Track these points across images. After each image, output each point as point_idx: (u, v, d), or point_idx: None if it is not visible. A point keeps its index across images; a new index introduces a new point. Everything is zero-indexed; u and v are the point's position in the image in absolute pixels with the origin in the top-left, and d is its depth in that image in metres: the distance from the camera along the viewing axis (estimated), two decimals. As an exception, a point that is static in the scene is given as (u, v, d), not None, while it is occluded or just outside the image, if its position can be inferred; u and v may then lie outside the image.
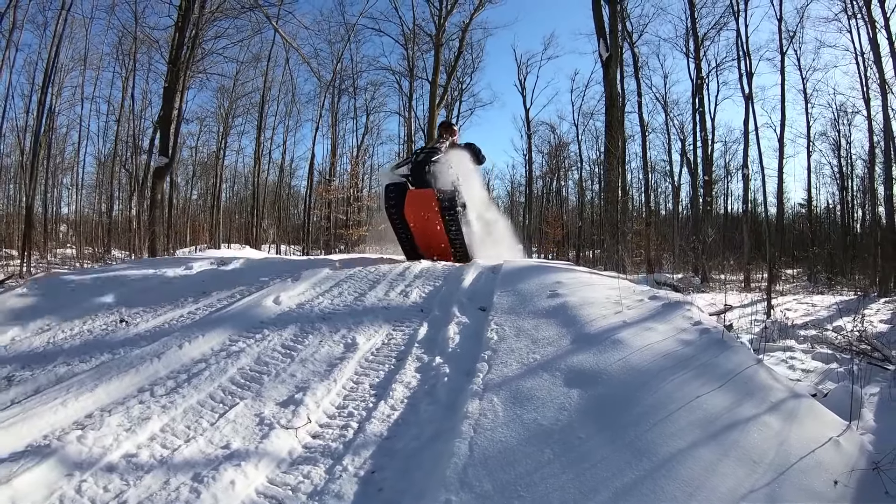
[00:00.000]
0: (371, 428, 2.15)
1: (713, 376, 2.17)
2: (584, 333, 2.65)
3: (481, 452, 1.79)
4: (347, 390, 2.53)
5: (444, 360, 2.68)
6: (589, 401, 2.04)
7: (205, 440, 2.13)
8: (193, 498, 1.75)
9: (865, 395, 3.03)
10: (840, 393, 2.78)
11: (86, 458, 1.97)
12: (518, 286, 3.59)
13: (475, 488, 1.61)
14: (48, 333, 3.63)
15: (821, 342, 6.46)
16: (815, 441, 1.80)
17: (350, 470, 1.90)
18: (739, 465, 1.65)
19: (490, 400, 2.11)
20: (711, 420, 1.87)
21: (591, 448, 1.75)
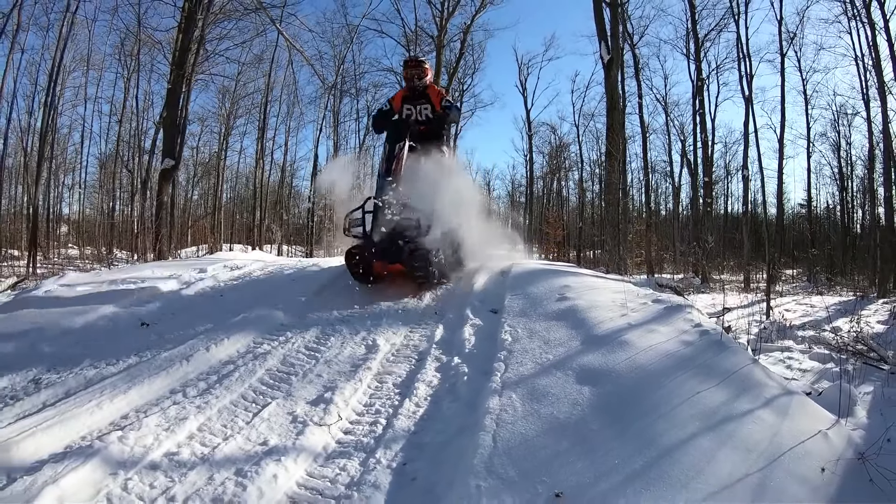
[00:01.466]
0: (399, 424, 2.32)
1: (712, 374, 2.36)
2: (593, 335, 2.84)
3: (504, 444, 1.98)
4: (373, 389, 2.72)
5: (462, 361, 2.87)
6: (599, 397, 2.24)
7: (243, 438, 2.25)
8: (240, 491, 1.85)
9: (860, 394, 3.20)
10: (833, 392, 2.93)
11: (128, 458, 2.06)
12: (528, 290, 3.79)
13: (501, 475, 1.80)
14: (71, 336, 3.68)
15: (818, 343, 6.64)
16: (805, 433, 1.97)
17: (383, 462, 2.05)
18: (735, 453, 1.84)
19: (509, 396, 2.30)
20: (710, 414, 2.06)
21: (603, 439, 1.95)
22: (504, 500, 1.68)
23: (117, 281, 5.15)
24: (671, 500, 1.62)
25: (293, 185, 24.92)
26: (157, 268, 6.09)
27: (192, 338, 3.51)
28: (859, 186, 21.36)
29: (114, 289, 4.83)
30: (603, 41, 14.50)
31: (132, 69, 17.60)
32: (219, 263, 5.94)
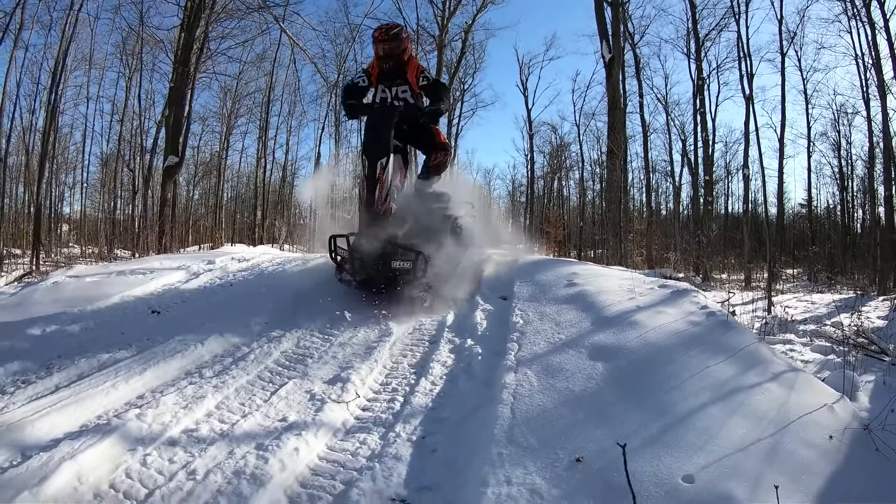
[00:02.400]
0: (416, 401, 2.37)
1: (720, 351, 2.43)
2: (603, 316, 2.91)
3: (523, 415, 2.04)
4: (388, 369, 2.78)
5: (475, 342, 2.94)
6: (612, 371, 2.31)
7: (261, 414, 2.28)
8: (262, 464, 1.86)
9: (862, 382, 3.27)
10: (836, 378, 2.99)
11: (147, 434, 2.07)
12: (536, 277, 3.85)
13: (521, 443, 1.86)
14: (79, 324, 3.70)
15: (819, 336, 6.70)
16: (811, 406, 2.04)
17: (403, 436, 2.09)
18: (746, 420, 1.91)
19: (524, 373, 2.36)
20: (719, 385, 2.14)
21: (619, 409, 2.01)
22: (526, 465, 1.74)
23: (126, 272, 5.15)
24: (689, 460, 1.69)
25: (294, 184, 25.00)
26: (165, 259, 6.14)
27: (205, 323, 3.54)
28: (860, 186, 21.44)
29: (123, 279, 4.84)
30: (604, 40, 14.58)
31: (134, 68, 17.63)
32: (226, 256, 5.98)
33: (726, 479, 1.60)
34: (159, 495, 1.72)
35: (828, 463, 1.74)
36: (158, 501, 1.71)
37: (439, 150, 4.67)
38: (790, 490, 1.55)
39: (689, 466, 1.66)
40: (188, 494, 1.73)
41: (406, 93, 4.41)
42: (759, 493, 1.52)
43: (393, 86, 4.41)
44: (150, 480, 1.82)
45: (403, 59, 4.34)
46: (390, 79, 4.39)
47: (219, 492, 1.74)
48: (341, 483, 1.82)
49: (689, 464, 1.67)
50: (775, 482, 1.46)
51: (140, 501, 1.71)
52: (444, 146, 4.71)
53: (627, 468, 1.43)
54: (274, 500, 1.73)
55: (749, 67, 17.61)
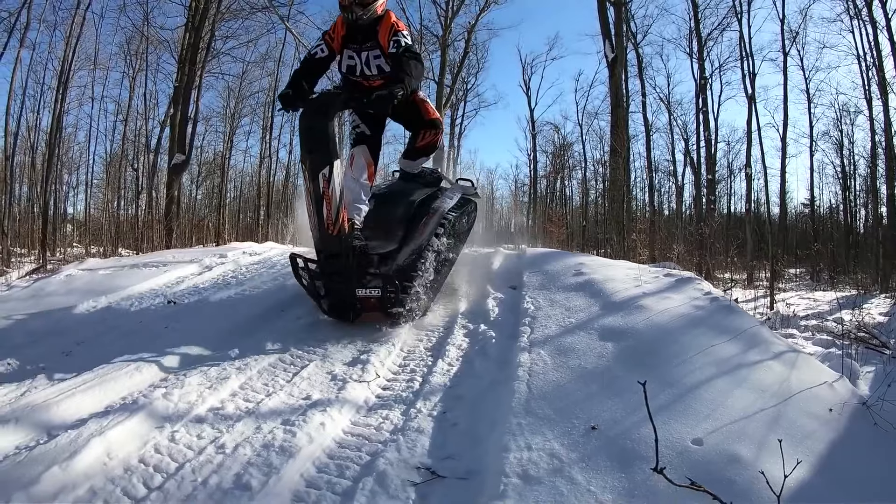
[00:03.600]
0: (434, 380, 2.47)
1: (723, 331, 2.56)
2: (611, 301, 3.03)
3: (538, 390, 2.16)
4: (405, 352, 2.89)
5: (489, 327, 3.05)
6: (622, 350, 2.43)
7: (285, 393, 2.36)
8: (290, 437, 1.94)
9: (862, 372, 3.36)
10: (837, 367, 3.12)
11: (173, 412, 2.14)
12: (544, 268, 3.96)
13: (539, 414, 1.98)
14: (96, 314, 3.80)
15: (821, 331, 6.80)
16: (811, 383, 2.16)
17: (424, 411, 2.18)
18: (750, 392, 2.04)
19: (538, 353, 2.48)
20: (724, 362, 2.27)
21: (629, 382, 2.10)
22: (545, 433, 1.85)
23: (139, 265, 5.23)
24: (697, 426, 1.81)
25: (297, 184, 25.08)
26: (177, 253, 6.23)
27: (223, 310, 3.65)
28: (862, 185, 21.50)
29: (136, 271, 4.92)
30: (607, 40, 14.67)
31: (138, 68, 17.79)
32: (237, 250, 6.05)
33: (733, 443, 1.72)
34: (189, 468, 1.79)
35: (828, 431, 1.86)
36: (189, 474, 1.75)
37: (428, 128, 3.89)
38: (793, 453, 1.65)
39: (697, 431, 1.78)
40: (218, 467, 1.80)
41: (380, 58, 3.42)
42: (764, 454, 1.64)
43: (363, 50, 3.41)
44: (179, 455, 1.88)
45: (376, 12, 3.30)
46: (359, 40, 3.40)
47: (249, 463, 1.81)
48: (367, 454, 1.90)
49: (698, 429, 1.79)
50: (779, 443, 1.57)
51: (170, 474, 1.76)
52: (433, 123, 3.89)
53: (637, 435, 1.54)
54: (303, 469, 1.81)
55: (751, 67, 17.78)
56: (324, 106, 3.11)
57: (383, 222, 3.53)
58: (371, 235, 3.40)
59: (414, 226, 3.62)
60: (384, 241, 3.46)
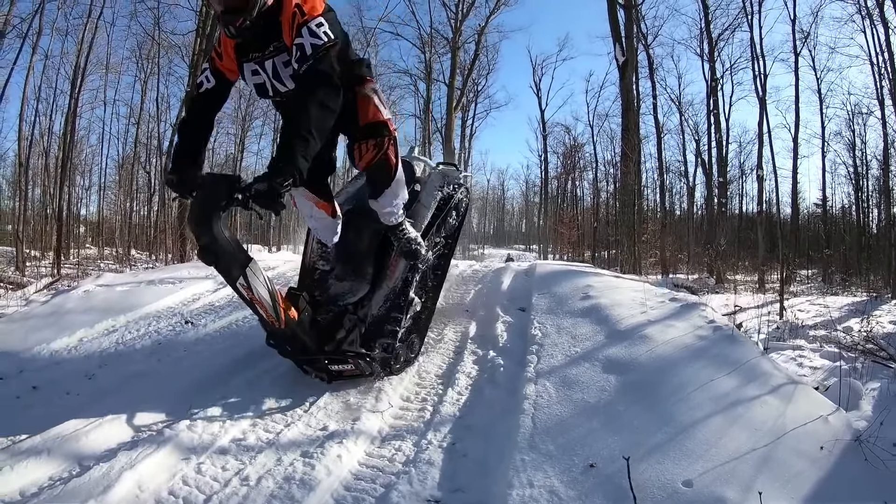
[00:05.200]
0: (444, 410, 2.56)
1: (724, 365, 2.62)
2: (616, 330, 3.12)
3: (543, 424, 2.27)
4: (418, 379, 2.99)
5: (497, 354, 3.15)
6: (624, 384, 2.53)
7: (303, 424, 2.45)
8: (309, 470, 2.05)
9: (867, 389, 3.41)
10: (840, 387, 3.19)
11: (198, 444, 2.24)
12: (553, 289, 4.06)
13: (542, 450, 2.09)
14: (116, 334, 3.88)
15: (829, 342, 6.83)
16: (807, 417, 2.22)
17: (434, 443, 2.27)
18: (743, 431, 2.12)
19: (543, 384, 2.59)
20: (722, 398, 2.34)
21: (629, 418, 2.24)
22: (546, 470, 1.97)
23: (155, 281, 5.30)
24: (688, 467, 1.91)
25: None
26: (192, 268, 6.35)
27: (238, 334, 3.73)
28: (875, 185, 21.31)
29: (153, 288, 4.98)
30: (618, 43, 14.70)
31: (149, 72, 18.08)
32: (252, 264, 6.14)
33: (721, 485, 1.81)
34: (217, 501, 1.89)
35: (816, 471, 1.93)
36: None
37: (366, 137, 2.75)
38: (777, 495, 1.75)
39: (689, 472, 1.88)
40: (244, 499, 1.91)
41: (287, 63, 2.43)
42: (749, 497, 1.73)
43: (266, 58, 2.44)
44: (206, 487, 1.98)
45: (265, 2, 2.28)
46: (257, 46, 2.44)
47: (272, 496, 1.92)
48: (381, 486, 2.01)
49: (690, 470, 1.89)
50: (764, 488, 1.68)
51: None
52: (373, 129, 2.74)
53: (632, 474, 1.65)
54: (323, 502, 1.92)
55: (763, 68, 17.70)
56: (205, 220, 2.21)
57: (348, 256, 3.12)
58: (339, 274, 3.09)
59: (385, 260, 3.15)
60: (354, 283, 3.06)
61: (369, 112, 2.74)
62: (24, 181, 14.83)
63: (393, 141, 2.79)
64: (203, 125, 2.62)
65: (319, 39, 2.26)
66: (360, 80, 2.76)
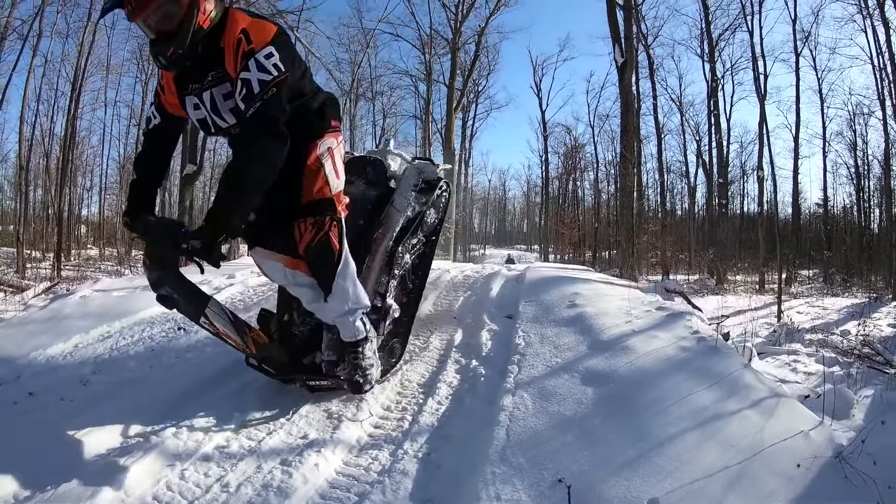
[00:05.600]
0: (423, 420, 2.57)
1: (705, 378, 2.60)
2: (599, 340, 3.11)
3: (516, 437, 2.27)
4: (399, 388, 2.99)
5: (480, 363, 3.14)
6: (602, 396, 2.52)
7: (284, 432, 2.47)
8: (287, 478, 2.09)
9: (859, 397, 3.40)
10: (831, 395, 3.10)
11: (183, 451, 2.29)
12: (540, 297, 4.05)
13: (513, 463, 2.09)
14: (110, 340, 3.91)
15: (825, 346, 6.82)
16: (787, 433, 2.18)
17: (410, 453, 2.29)
18: (718, 447, 2.09)
19: (521, 396, 2.59)
20: (699, 412, 2.32)
21: (603, 432, 2.23)
22: (515, 483, 1.97)
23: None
24: (657, 484, 1.90)
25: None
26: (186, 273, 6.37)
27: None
28: (876, 185, 21.26)
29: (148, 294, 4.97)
30: (617, 44, 14.68)
31: (150, 73, 18.13)
32: (246, 269, 6.14)
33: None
34: None
35: (791, 490, 1.90)
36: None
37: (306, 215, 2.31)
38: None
39: (656, 490, 1.87)
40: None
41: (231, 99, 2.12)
42: (717, 518, 1.72)
43: (204, 88, 2.15)
44: (188, 493, 2.03)
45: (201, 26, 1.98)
46: (198, 77, 2.14)
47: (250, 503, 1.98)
48: (355, 495, 2.04)
49: (657, 487, 1.88)
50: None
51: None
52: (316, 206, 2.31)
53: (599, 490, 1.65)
54: None
55: (763, 68, 17.67)
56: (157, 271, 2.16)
57: None
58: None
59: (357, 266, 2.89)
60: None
61: (315, 186, 2.29)
62: (25, 183, 14.92)
63: (337, 223, 2.30)
64: (154, 163, 2.42)
65: (268, 74, 1.97)
66: (315, 132, 2.32)
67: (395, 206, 3.24)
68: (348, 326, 2.43)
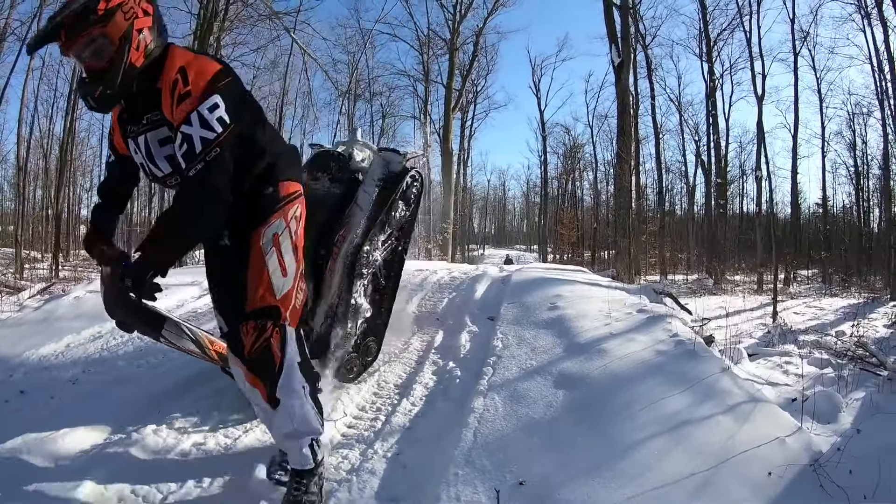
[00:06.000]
0: (396, 420, 2.59)
1: (681, 381, 2.57)
2: (576, 343, 3.10)
3: (483, 439, 2.27)
4: (376, 388, 3.01)
5: (457, 365, 3.16)
6: (572, 400, 2.50)
7: (260, 431, 2.50)
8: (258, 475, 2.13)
9: (849, 400, 3.31)
10: (820, 398, 3.10)
11: (162, 447, 2.39)
12: (523, 298, 4.05)
13: (476, 465, 2.09)
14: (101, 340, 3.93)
15: (819, 347, 6.77)
16: (762, 439, 2.11)
17: (380, 453, 2.32)
18: (686, 454, 2.05)
19: (492, 398, 2.58)
20: (669, 417, 2.28)
21: (570, 436, 2.22)
22: (476, 485, 1.97)
23: None
24: (619, 490, 1.87)
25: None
26: (180, 274, 6.42)
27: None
28: (875, 185, 21.22)
29: None
30: (614, 44, 14.66)
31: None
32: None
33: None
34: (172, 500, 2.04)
35: (757, 499, 1.85)
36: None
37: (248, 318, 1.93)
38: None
39: (616, 496, 1.84)
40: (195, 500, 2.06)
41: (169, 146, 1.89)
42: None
43: (140, 132, 1.93)
44: (164, 488, 2.09)
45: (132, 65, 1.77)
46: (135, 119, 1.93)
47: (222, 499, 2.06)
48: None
49: (618, 493, 1.85)
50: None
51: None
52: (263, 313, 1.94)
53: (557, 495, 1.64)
54: None
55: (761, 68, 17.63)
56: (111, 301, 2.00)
57: None
58: None
59: (320, 270, 2.87)
60: None
61: (258, 291, 1.91)
62: (24, 183, 14.95)
63: (279, 330, 1.94)
64: (114, 196, 2.26)
65: (211, 132, 1.73)
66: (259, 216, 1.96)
67: (359, 204, 3.08)
68: (294, 452, 2.01)
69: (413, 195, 3.30)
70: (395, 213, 3.17)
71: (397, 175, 3.20)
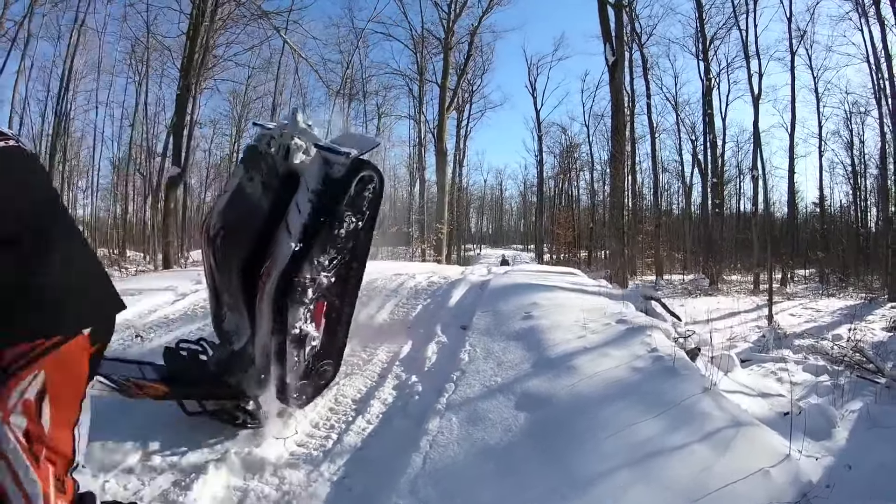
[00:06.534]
0: (348, 440, 2.46)
1: (653, 404, 2.36)
2: (545, 358, 2.92)
3: (432, 465, 2.11)
4: (333, 403, 2.85)
5: (419, 379, 2.99)
6: (533, 424, 2.32)
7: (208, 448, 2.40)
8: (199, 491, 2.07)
9: (845, 412, 3.12)
10: (814, 412, 2.92)
11: (108, 463, 2.27)
12: (498, 306, 3.88)
13: (420, 495, 1.93)
14: None
15: (815, 353, 6.59)
16: (743, 471, 1.90)
17: (326, 475, 2.21)
18: (651, 490, 1.84)
19: (449, 419, 2.41)
20: (638, 447, 2.07)
21: (527, 465, 2.04)
22: (417, 518, 1.79)
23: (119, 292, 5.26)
24: None
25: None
26: (155, 279, 6.28)
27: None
28: (873, 184, 21.05)
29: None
30: (608, 43, 14.46)
31: (143, 74, 17.97)
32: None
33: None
34: None
35: None
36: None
37: None
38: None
39: (564, 538, 1.66)
40: None
41: None
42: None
43: None
44: None
45: None
46: None
47: None
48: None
49: (566, 534, 1.67)
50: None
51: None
52: None
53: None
54: None
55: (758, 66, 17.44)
56: None
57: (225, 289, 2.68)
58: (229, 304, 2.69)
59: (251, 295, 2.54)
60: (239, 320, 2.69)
61: None
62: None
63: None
64: None
65: None
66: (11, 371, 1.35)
67: (289, 228, 2.49)
68: None
69: (366, 201, 2.64)
70: (339, 229, 2.55)
71: (340, 181, 2.56)
